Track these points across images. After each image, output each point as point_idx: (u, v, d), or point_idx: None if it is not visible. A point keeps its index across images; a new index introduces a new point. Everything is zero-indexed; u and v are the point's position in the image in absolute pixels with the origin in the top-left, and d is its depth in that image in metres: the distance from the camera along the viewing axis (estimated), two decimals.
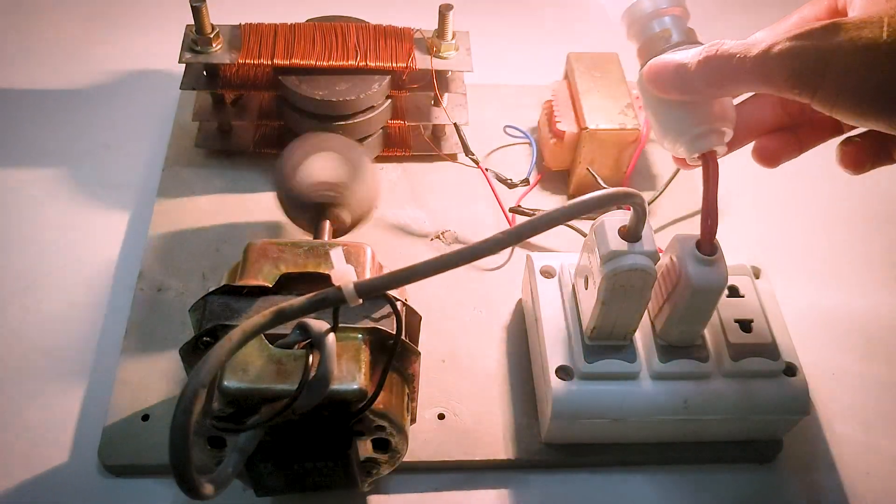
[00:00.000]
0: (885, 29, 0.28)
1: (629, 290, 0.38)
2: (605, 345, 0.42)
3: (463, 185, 0.56)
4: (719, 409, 0.42)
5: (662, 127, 0.37)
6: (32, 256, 0.52)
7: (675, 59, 0.34)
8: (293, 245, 0.38)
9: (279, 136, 0.56)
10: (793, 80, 0.29)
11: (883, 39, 0.28)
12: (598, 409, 0.41)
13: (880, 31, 0.28)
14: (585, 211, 0.34)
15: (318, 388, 0.33)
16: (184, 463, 0.29)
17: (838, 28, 0.29)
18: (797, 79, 0.29)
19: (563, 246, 0.53)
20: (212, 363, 0.30)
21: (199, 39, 0.52)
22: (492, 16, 0.70)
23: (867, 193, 0.59)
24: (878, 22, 0.28)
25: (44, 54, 0.64)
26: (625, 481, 0.44)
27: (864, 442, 0.47)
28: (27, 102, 0.60)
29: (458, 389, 0.46)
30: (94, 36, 0.65)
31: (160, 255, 0.51)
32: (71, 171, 0.56)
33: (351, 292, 0.33)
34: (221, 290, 0.36)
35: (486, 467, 0.44)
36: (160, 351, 0.46)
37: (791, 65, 0.29)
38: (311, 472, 0.37)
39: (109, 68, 0.63)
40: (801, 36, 0.29)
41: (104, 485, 0.43)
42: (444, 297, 0.50)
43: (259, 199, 0.54)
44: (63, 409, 0.45)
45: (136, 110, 0.60)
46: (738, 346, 0.42)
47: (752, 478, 0.45)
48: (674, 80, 0.34)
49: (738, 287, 0.44)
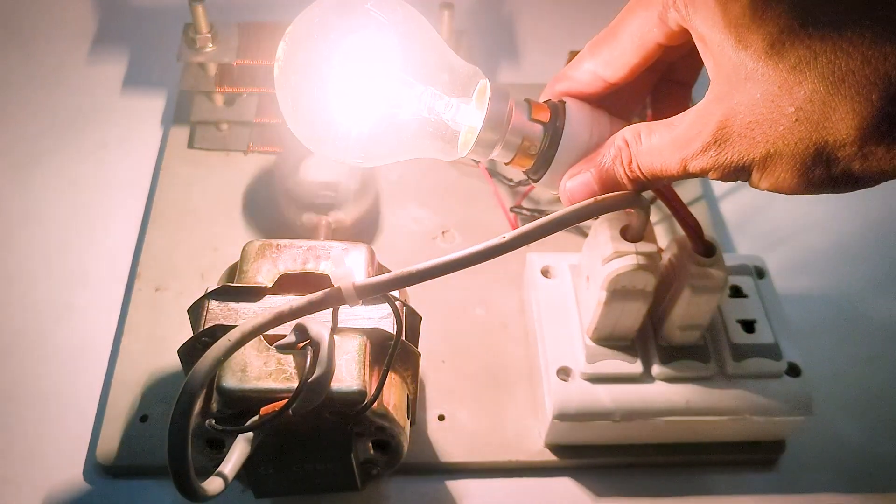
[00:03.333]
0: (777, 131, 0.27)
1: (630, 290, 0.38)
2: (607, 345, 0.41)
3: (464, 184, 0.56)
4: (721, 411, 0.42)
5: None
6: (31, 256, 0.51)
7: (594, 182, 0.33)
8: (292, 245, 0.38)
9: (277, 135, 0.56)
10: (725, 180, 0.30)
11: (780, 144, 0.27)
12: (598, 411, 0.41)
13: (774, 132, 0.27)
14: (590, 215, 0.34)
15: (318, 389, 0.33)
16: (182, 464, 0.29)
17: (729, 136, 0.28)
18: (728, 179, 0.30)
19: (563, 246, 0.53)
20: (210, 364, 0.30)
21: (198, 38, 0.52)
22: (492, 15, 0.70)
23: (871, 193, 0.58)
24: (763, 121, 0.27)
25: (43, 54, 0.63)
26: (626, 483, 0.44)
27: (867, 443, 0.47)
28: (26, 102, 0.60)
29: (458, 390, 0.46)
30: (93, 35, 0.65)
31: (159, 254, 0.51)
32: (70, 170, 0.56)
33: (350, 293, 0.32)
34: (220, 290, 0.36)
35: (487, 469, 0.44)
36: (159, 351, 0.46)
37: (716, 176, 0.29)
38: (311, 473, 0.37)
39: (108, 68, 0.62)
40: (702, 152, 0.29)
41: (102, 486, 0.43)
42: (445, 297, 0.50)
43: (258, 198, 0.54)
44: (61, 409, 0.45)
45: (135, 109, 0.60)
46: (740, 347, 0.42)
47: (755, 479, 0.45)
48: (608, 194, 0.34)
49: (740, 287, 0.44)
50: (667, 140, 0.30)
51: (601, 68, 0.34)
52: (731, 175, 0.29)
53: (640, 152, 0.32)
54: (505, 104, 0.33)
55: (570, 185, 0.34)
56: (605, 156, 0.33)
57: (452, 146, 0.34)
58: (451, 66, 0.34)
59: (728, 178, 0.29)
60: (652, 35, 0.32)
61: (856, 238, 0.56)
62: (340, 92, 0.32)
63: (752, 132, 0.28)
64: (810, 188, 0.28)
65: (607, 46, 0.34)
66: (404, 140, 0.34)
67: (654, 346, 0.42)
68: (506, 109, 0.33)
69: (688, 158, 0.30)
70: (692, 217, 0.37)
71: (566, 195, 0.34)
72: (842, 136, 0.26)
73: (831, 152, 0.27)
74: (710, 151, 0.29)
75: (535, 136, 0.34)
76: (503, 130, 0.34)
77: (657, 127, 0.31)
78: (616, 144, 0.32)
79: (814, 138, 0.27)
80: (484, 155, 0.34)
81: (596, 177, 0.33)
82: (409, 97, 0.33)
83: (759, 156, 0.28)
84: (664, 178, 0.31)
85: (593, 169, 0.33)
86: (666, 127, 0.31)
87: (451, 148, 0.34)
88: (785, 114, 0.27)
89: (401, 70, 0.32)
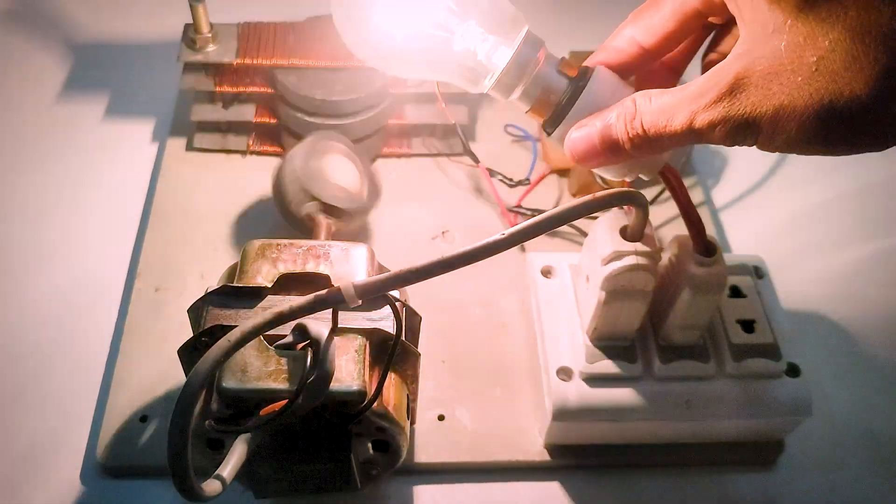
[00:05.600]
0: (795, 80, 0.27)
1: (630, 290, 0.38)
2: (606, 345, 0.41)
3: (463, 184, 0.56)
4: (721, 411, 0.42)
5: (611, 174, 0.36)
6: (31, 256, 0.51)
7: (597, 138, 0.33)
8: (292, 245, 0.38)
9: (277, 136, 0.56)
10: (728, 142, 0.30)
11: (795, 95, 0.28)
12: (598, 411, 0.41)
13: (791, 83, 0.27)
14: (588, 211, 0.34)
15: (318, 390, 0.33)
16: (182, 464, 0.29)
17: (746, 87, 0.28)
18: (732, 140, 0.30)
19: (563, 246, 0.53)
20: (210, 364, 0.30)
21: (198, 38, 0.52)
22: None
23: (871, 192, 0.58)
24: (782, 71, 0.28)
25: (43, 53, 0.63)
26: (626, 483, 0.44)
27: (866, 443, 0.47)
28: (26, 102, 0.60)
29: (458, 390, 0.46)
30: (92, 35, 0.65)
31: (159, 254, 0.51)
32: (70, 170, 0.56)
33: (350, 293, 0.32)
34: (220, 290, 0.36)
35: (487, 469, 0.44)
36: (159, 351, 0.46)
37: (721, 133, 0.29)
38: (311, 473, 0.37)
39: (108, 67, 0.63)
40: (715, 103, 0.29)
41: (102, 486, 0.43)
42: (445, 297, 0.50)
43: (258, 198, 0.54)
44: (61, 409, 0.45)
45: (135, 109, 0.60)
46: (739, 347, 0.42)
47: (754, 479, 0.45)
48: (607, 157, 0.33)
49: (739, 287, 0.44)
50: (678, 97, 0.30)
51: (639, 33, 0.35)
52: (738, 131, 0.29)
53: (647, 111, 0.31)
54: (535, 52, 0.34)
55: (574, 134, 0.34)
56: (612, 111, 0.33)
57: (480, 81, 0.35)
58: (498, 6, 0.35)
59: (734, 135, 0.29)
60: (691, 2, 0.33)
61: (855, 238, 0.56)
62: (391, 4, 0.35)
63: (770, 83, 0.28)
64: (819, 144, 0.28)
65: (647, 13, 0.35)
66: (438, 61, 0.35)
67: (654, 345, 0.42)
68: (534, 56, 0.34)
69: (697, 111, 0.29)
70: (697, 214, 0.37)
71: (568, 145, 0.34)
72: (859, 87, 0.27)
73: (846, 105, 0.27)
74: (723, 102, 0.29)
75: (557, 88, 0.35)
76: (527, 75, 0.34)
77: (670, 90, 0.31)
78: (625, 103, 0.32)
79: (830, 89, 0.27)
80: (505, 94, 0.35)
81: (599, 130, 0.33)
82: (452, 23, 0.34)
83: (772, 108, 0.28)
84: (666, 135, 0.31)
85: (598, 122, 0.33)
86: (679, 89, 0.31)
87: (479, 82, 0.35)
88: (806, 63, 0.27)
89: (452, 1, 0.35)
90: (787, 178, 0.59)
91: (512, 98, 0.35)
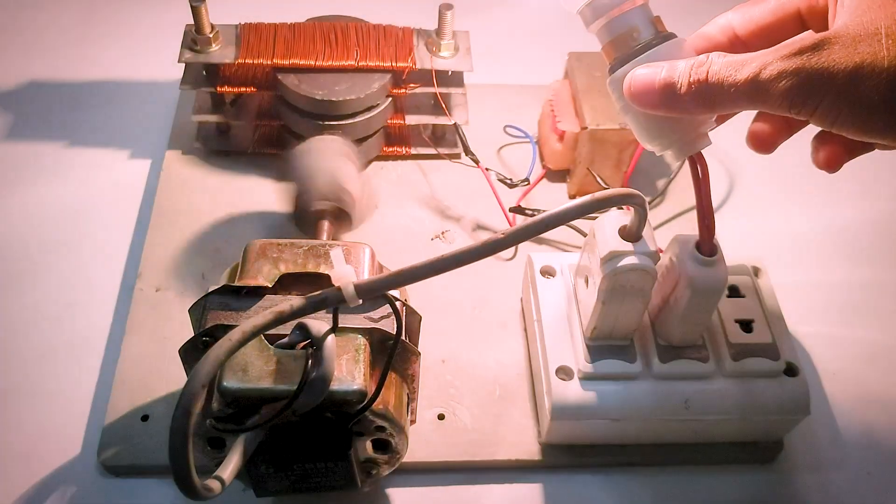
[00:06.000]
0: (885, 43, 0.27)
1: (629, 290, 0.38)
2: (606, 345, 0.41)
3: (463, 184, 0.56)
4: (720, 410, 0.42)
5: (646, 134, 0.36)
6: (31, 256, 0.51)
7: (660, 78, 0.32)
8: (293, 245, 0.38)
9: (278, 136, 0.56)
10: (788, 102, 0.29)
11: (883, 55, 0.27)
12: (598, 410, 0.41)
13: (879, 45, 0.27)
14: (587, 211, 0.34)
15: (318, 389, 0.33)
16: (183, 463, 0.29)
17: (831, 44, 0.28)
18: (793, 100, 0.29)
19: (563, 246, 0.53)
20: (211, 363, 0.30)
21: (199, 39, 0.52)
22: (492, 15, 0.70)
23: (870, 192, 0.58)
24: (875, 35, 0.27)
25: (43, 53, 0.63)
26: (625, 483, 0.44)
27: (865, 442, 0.47)
28: (26, 102, 0.60)
29: (458, 389, 0.46)
30: (93, 35, 0.65)
31: (160, 254, 0.51)
32: (70, 170, 0.56)
33: (351, 293, 0.32)
34: (221, 290, 0.36)
35: (486, 468, 0.44)
36: (160, 351, 0.46)
37: (785, 87, 0.28)
38: (312, 472, 0.37)
39: (109, 68, 0.63)
40: (793, 54, 0.28)
41: (103, 485, 0.43)
42: (444, 297, 0.50)
43: (258, 198, 0.54)
44: (62, 408, 0.45)
45: (136, 109, 0.60)
46: (738, 347, 0.42)
47: (753, 479, 0.45)
48: (661, 100, 0.33)
49: (738, 287, 0.44)
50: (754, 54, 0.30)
51: (737, 20, 0.35)
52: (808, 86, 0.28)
53: (717, 62, 0.31)
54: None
55: (639, 71, 0.33)
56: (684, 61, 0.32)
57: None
58: None
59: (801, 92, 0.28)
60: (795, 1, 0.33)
61: (855, 238, 0.56)
62: None
63: (857, 43, 0.27)
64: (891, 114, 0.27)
65: (752, 3, 0.35)
66: None
67: (654, 345, 0.42)
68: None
69: (770, 62, 0.29)
70: (711, 210, 0.36)
71: (629, 79, 0.34)
72: None
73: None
74: (803, 55, 0.28)
75: (642, 32, 0.34)
76: (619, 8, 0.34)
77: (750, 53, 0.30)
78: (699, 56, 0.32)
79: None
80: (593, 16, 0.35)
81: (664, 71, 0.32)
82: None
83: (853, 63, 0.27)
84: (727, 85, 0.30)
85: (666, 66, 0.32)
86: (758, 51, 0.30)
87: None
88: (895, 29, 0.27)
89: None
90: (787, 178, 0.59)
91: (595, 27, 0.35)
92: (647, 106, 0.33)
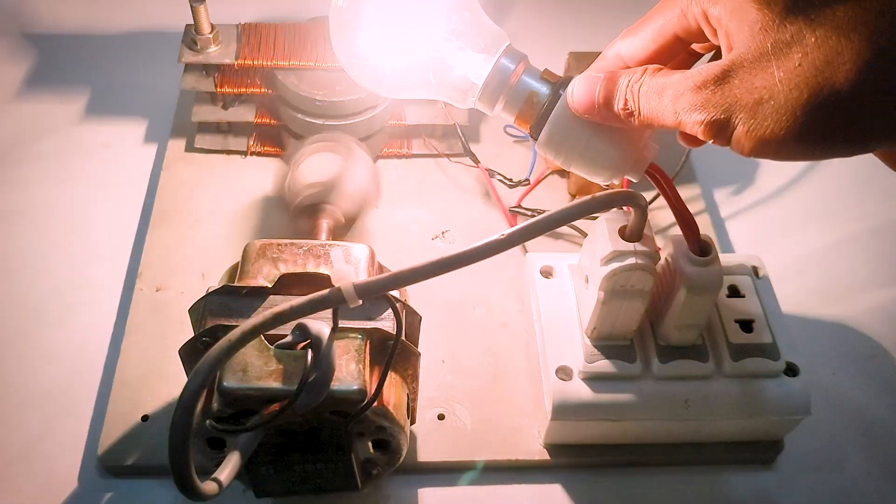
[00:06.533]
0: (777, 75, 0.28)
1: (629, 290, 0.38)
2: (606, 345, 0.41)
3: (463, 184, 0.56)
4: (720, 410, 0.42)
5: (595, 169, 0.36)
6: (32, 256, 0.51)
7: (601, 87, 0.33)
8: (292, 245, 0.38)
9: (278, 137, 0.56)
10: (703, 134, 0.30)
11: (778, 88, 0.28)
12: (597, 410, 0.41)
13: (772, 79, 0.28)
14: (588, 212, 0.34)
15: (318, 389, 0.33)
16: (183, 464, 0.29)
17: (731, 77, 0.29)
18: (706, 132, 0.30)
19: (563, 246, 0.53)
20: (211, 363, 0.30)
21: (199, 39, 0.52)
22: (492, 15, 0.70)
23: (868, 191, 0.59)
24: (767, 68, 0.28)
25: (43, 53, 0.63)
26: (625, 483, 0.44)
27: (865, 442, 0.47)
28: (27, 102, 0.60)
29: (458, 389, 0.46)
30: (93, 35, 0.65)
31: (160, 254, 0.51)
32: (70, 170, 0.56)
33: (351, 293, 0.32)
34: (221, 290, 0.36)
35: (486, 468, 0.44)
36: (160, 351, 0.46)
37: (698, 120, 0.30)
38: (311, 472, 0.37)
39: (109, 67, 0.63)
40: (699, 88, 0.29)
41: (103, 485, 0.43)
42: (445, 297, 0.50)
43: (258, 198, 0.54)
44: (62, 408, 0.45)
45: (136, 109, 0.60)
46: (738, 347, 0.42)
47: (753, 478, 0.45)
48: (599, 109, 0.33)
49: (738, 286, 0.44)
50: (677, 76, 0.31)
51: (623, 50, 0.35)
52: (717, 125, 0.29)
53: (651, 81, 0.32)
54: (513, 64, 0.35)
55: (579, 81, 0.34)
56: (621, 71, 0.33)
57: (468, 97, 0.36)
58: (482, 25, 0.37)
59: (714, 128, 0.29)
60: (671, 26, 0.33)
61: (854, 238, 0.56)
62: (381, 32, 0.36)
63: (753, 78, 0.28)
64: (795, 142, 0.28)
65: (633, 32, 0.35)
66: (428, 82, 0.36)
67: (653, 345, 0.42)
68: (513, 67, 0.35)
69: (682, 92, 0.30)
70: (689, 213, 0.37)
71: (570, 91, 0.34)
72: (840, 80, 0.27)
73: (825, 99, 0.27)
74: (707, 89, 0.29)
75: (540, 95, 0.35)
76: (507, 86, 0.35)
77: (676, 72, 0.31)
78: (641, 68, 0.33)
79: (811, 83, 0.27)
80: (489, 106, 0.36)
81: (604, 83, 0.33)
82: (440, 46, 0.36)
83: (752, 101, 0.28)
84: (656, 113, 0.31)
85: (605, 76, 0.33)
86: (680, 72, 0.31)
87: (467, 98, 0.37)
88: (790, 60, 0.27)
89: (439, 25, 0.36)
90: (787, 178, 0.59)
91: (497, 110, 0.36)
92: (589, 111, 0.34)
